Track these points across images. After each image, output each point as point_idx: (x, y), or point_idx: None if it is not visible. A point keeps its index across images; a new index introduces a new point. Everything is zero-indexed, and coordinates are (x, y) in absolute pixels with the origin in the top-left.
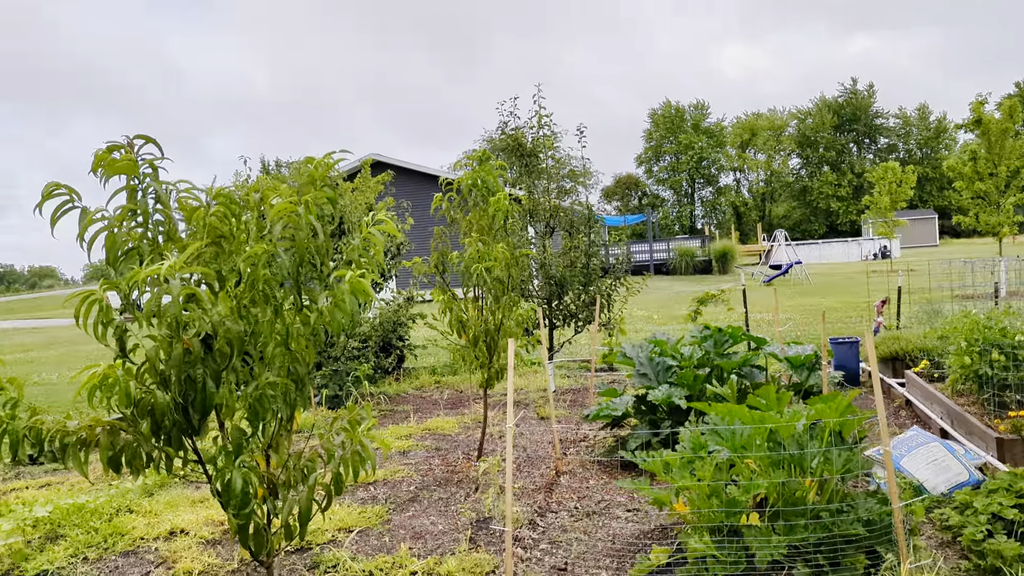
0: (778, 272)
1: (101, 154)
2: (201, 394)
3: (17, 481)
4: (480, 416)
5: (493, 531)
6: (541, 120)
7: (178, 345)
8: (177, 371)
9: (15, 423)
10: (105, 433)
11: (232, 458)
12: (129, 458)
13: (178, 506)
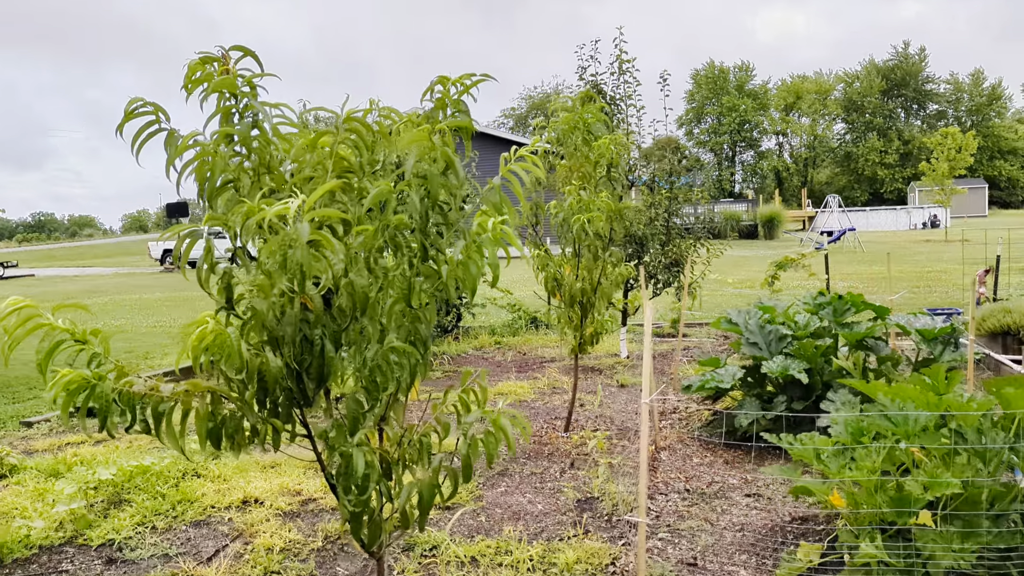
0: (830, 239)
1: (194, 64)
2: (318, 359)
3: (72, 435)
4: (556, 382)
5: (601, 514)
6: (622, 66)
7: (296, 301)
8: (292, 331)
9: (102, 385)
10: (204, 401)
11: (346, 434)
12: (231, 431)
13: (247, 471)
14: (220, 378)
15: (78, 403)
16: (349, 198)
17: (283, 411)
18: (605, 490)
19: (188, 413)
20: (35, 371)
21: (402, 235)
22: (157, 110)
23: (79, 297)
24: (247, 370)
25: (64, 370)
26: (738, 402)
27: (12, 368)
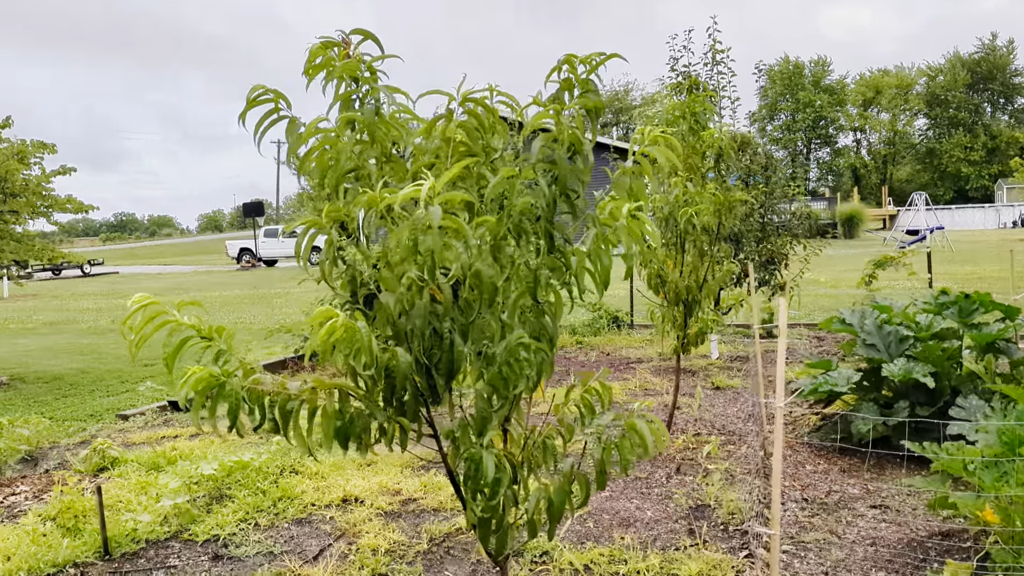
0: (916, 238)
1: (315, 48)
2: (448, 353)
3: (167, 428)
4: (648, 384)
5: (716, 522)
6: (716, 56)
7: (425, 291)
8: (422, 323)
9: (232, 383)
10: (332, 399)
11: (473, 434)
12: (359, 431)
13: (344, 468)
14: (347, 375)
15: (205, 402)
16: (468, 184)
17: (410, 409)
18: (720, 497)
19: (315, 411)
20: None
21: (529, 222)
22: (278, 97)
23: (163, 294)
24: (377, 366)
25: (194, 367)
26: (850, 407)
27: (105, 362)
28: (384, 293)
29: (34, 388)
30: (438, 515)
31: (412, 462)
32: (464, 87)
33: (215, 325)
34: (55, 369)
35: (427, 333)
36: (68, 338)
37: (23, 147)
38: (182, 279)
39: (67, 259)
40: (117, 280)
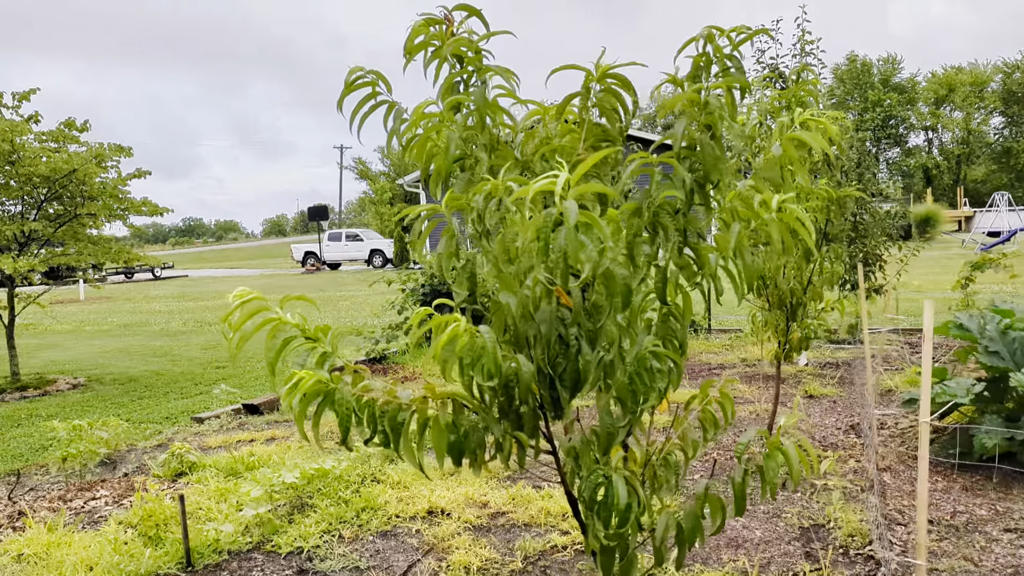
0: (998, 240)
1: (419, 26)
2: (574, 362)
3: (242, 432)
4: (735, 392)
5: (835, 544)
6: (804, 47)
7: (553, 294)
8: (548, 329)
9: (342, 391)
10: (446, 410)
11: (597, 452)
12: (474, 446)
13: (427, 478)
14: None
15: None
16: (602, 172)
17: (528, 423)
18: (838, 518)
19: (425, 423)
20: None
21: (668, 216)
22: (378, 79)
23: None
24: (499, 376)
25: (301, 372)
26: (968, 418)
27: (178, 364)
28: (503, 294)
29: (110, 390)
30: (530, 530)
31: (497, 472)
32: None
33: (320, 324)
34: (130, 371)
35: (552, 340)
36: (141, 340)
37: (101, 150)
38: (249, 282)
39: (144, 262)
40: (186, 283)
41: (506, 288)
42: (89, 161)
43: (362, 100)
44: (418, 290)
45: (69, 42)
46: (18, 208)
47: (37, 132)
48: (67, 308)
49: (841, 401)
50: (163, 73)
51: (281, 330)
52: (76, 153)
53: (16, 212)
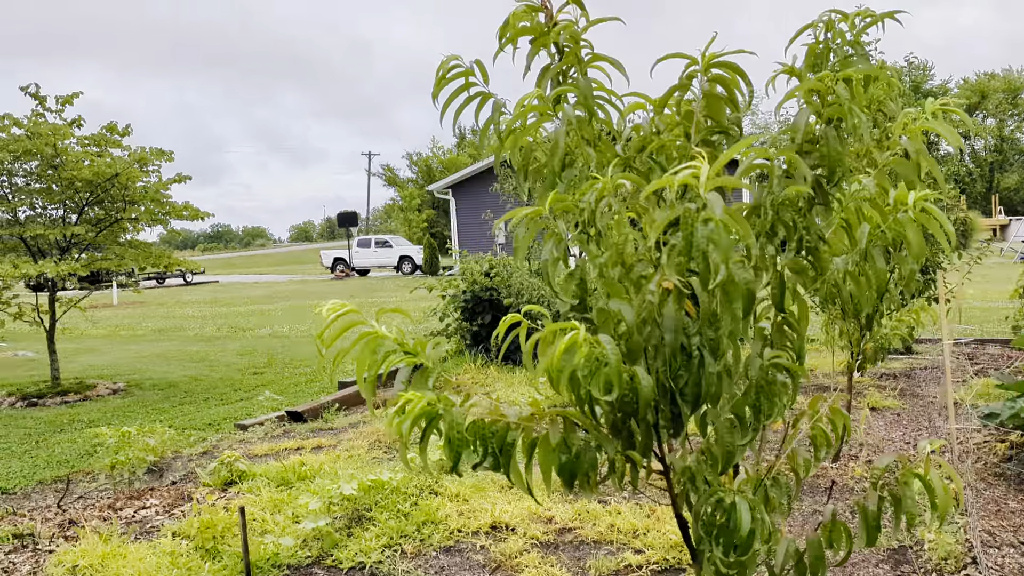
0: None
1: (520, 11)
2: (695, 375)
3: (287, 440)
4: (795, 403)
5: (927, 568)
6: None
7: (677, 300)
8: (673, 340)
9: (450, 413)
10: (556, 428)
11: (711, 472)
12: (586, 467)
13: (486, 490)
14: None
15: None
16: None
17: (642, 441)
18: (928, 539)
19: (533, 444)
20: (238, 373)
21: (793, 214)
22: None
23: (262, 302)
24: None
25: (408, 394)
26: None
27: (215, 369)
28: (613, 300)
29: (150, 395)
30: (600, 549)
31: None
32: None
33: (418, 340)
34: (169, 376)
35: (675, 350)
36: (177, 345)
37: (143, 154)
38: (279, 288)
39: (184, 266)
40: (217, 289)
41: (616, 295)
42: (131, 165)
43: (456, 91)
44: (459, 296)
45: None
46: (59, 212)
47: (79, 136)
48: (101, 313)
49: (905, 414)
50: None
51: (379, 345)
52: (119, 157)
53: (57, 216)
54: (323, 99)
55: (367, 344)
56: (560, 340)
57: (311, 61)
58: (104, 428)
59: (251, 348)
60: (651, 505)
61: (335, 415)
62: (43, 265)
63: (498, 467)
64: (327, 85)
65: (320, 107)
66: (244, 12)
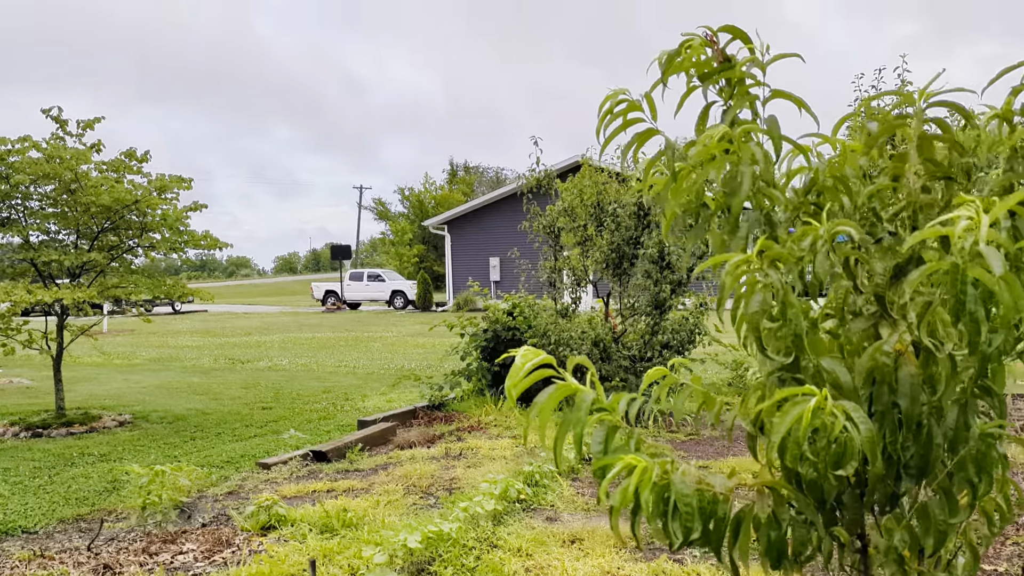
0: None
1: (689, 44)
2: (922, 445)
3: (315, 481)
4: None
5: None
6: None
7: (908, 360)
8: (911, 406)
9: (677, 485)
10: (763, 502)
11: (900, 557)
12: (797, 547)
13: (546, 544)
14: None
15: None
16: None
17: (851, 518)
18: None
19: (739, 518)
20: (246, 407)
21: None
22: (646, 103)
23: (256, 333)
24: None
25: (627, 457)
26: None
27: (222, 402)
28: (826, 359)
29: (159, 428)
30: None
31: (625, 541)
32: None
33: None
34: (174, 409)
35: (913, 419)
36: (176, 375)
37: (163, 181)
38: (271, 319)
39: (198, 296)
40: (208, 318)
41: (822, 352)
42: (151, 192)
43: (621, 126)
44: (479, 335)
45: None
46: (71, 238)
47: (96, 161)
48: (92, 341)
49: None
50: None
51: (584, 401)
52: (139, 184)
53: (70, 242)
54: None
55: (555, 395)
56: (794, 407)
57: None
58: (135, 466)
59: (254, 381)
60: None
61: (360, 455)
62: (58, 292)
63: (707, 544)
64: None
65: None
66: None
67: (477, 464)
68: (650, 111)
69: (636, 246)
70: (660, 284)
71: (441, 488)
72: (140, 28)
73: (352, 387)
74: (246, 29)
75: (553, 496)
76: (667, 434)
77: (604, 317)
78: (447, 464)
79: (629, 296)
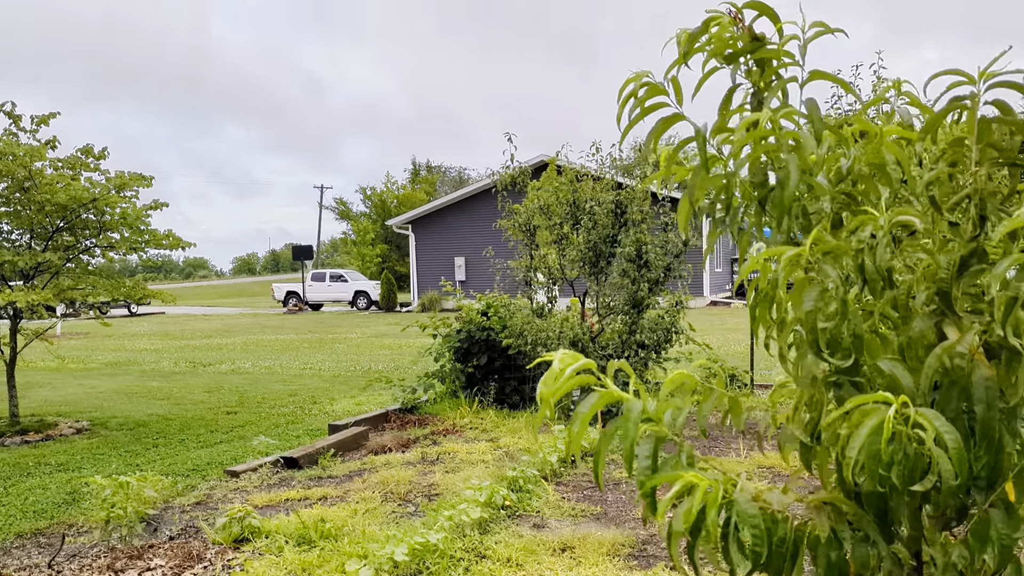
0: None
1: (725, 21)
2: (994, 455)
3: (288, 489)
4: None
5: None
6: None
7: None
8: (985, 413)
9: (741, 504)
10: (822, 519)
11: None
12: (858, 569)
13: (536, 553)
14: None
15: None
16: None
17: (911, 534)
18: None
19: (796, 538)
20: (210, 412)
21: None
22: (671, 86)
23: (217, 336)
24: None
25: (688, 475)
26: None
27: (184, 407)
28: (883, 361)
29: (119, 435)
30: None
31: (617, 549)
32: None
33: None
34: (134, 415)
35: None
36: (134, 380)
37: (123, 179)
38: (231, 320)
39: (160, 297)
40: (166, 321)
41: (881, 353)
42: (110, 191)
43: (643, 111)
44: (452, 336)
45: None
46: (25, 238)
47: (52, 159)
48: (46, 344)
49: None
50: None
51: (632, 411)
52: (97, 181)
53: (23, 242)
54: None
55: (600, 403)
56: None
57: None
58: (98, 477)
59: (216, 385)
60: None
61: (332, 461)
62: (11, 294)
63: (769, 568)
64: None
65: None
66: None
67: (456, 469)
68: (675, 95)
69: (613, 244)
70: (638, 283)
71: (420, 495)
72: (91, 26)
73: (319, 390)
74: (202, 28)
75: (539, 502)
76: None
77: (580, 316)
78: (424, 469)
79: (605, 295)
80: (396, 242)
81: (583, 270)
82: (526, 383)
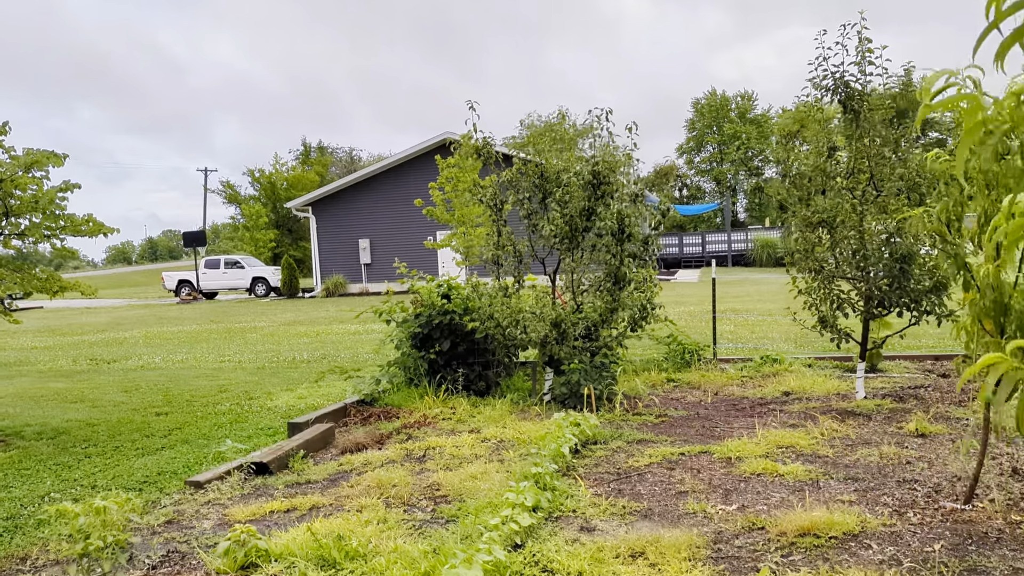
0: None
1: None
2: None
3: (269, 500)
4: (834, 431)
5: None
6: (865, 56)
7: None
8: None
9: None
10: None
11: None
12: None
13: (607, 563)
14: None
15: None
16: None
17: None
18: None
19: None
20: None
21: None
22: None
23: (111, 329)
24: None
25: None
26: None
27: (105, 410)
28: None
29: (40, 446)
30: None
31: (693, 551)
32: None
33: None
34: (51, 421)
35: None
36: (33, 381)
37: (34, 156)
38: (121, 313)
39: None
40: (47, 315)
41: None
42: (17, 170)
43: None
44: (411, 322)
45: None
46: None
47: None
48: None
49: (960, 440)
50: None
51: None
52: (2, 160)
53: None
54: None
55: None
56: None
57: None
58: (69, 504)
59: (132, 383)
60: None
61: (305, 464)
62: None
63: None
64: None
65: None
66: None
67: (453, 466)
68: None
69: (589, 218)
70: (620, 257)
71: (425, 498)
72: None
73: (249, 384)
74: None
75: (573, 501)
76: (633, 417)
77: (551, 295)
78: (415, 468)
79: (581, 272)
80: (288, 226)
81: (560, 245)
82: (490, 368)
